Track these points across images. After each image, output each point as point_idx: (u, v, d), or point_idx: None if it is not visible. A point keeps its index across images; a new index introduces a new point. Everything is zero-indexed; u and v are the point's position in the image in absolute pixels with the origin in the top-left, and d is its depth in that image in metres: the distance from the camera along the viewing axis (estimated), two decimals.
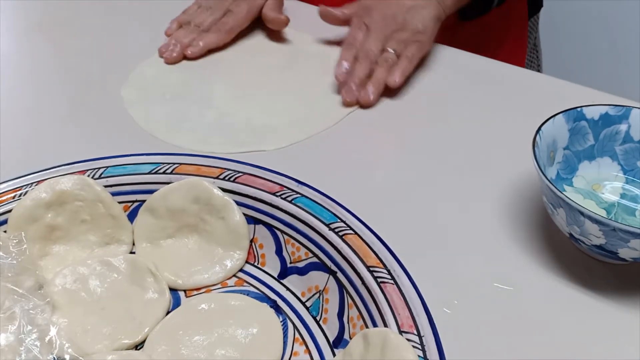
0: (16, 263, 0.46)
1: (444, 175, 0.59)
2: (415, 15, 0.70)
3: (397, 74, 0.68)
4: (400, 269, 0.44)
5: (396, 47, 0.69)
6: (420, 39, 0.70)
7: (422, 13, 0.71)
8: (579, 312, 0.47)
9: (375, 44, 0.70)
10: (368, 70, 0.69)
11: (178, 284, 0.50)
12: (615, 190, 0.53)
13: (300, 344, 0.46)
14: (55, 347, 0.44)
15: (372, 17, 0.71)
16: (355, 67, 0.69)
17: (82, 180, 0.51)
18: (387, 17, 0.70)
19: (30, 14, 0.87)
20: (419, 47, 0.70)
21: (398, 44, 0.70)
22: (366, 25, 0.71)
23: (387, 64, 0.69)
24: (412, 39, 0.70)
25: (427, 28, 0.70)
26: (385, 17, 0.70)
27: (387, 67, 0.69)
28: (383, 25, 0.70)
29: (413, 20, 0.70)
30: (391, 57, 0.69)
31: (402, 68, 0.69)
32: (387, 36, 0.70)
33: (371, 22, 0.71)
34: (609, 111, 0.53)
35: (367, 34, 0.71)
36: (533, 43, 0.99)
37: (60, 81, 0.74)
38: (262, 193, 0.51)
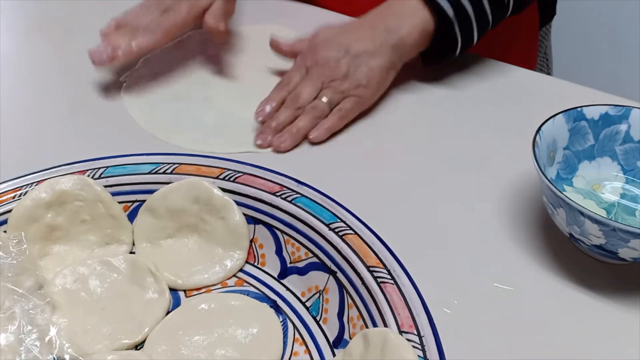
0: (16, 263, 0.46)
1: (444, 175, 0.59)
2: (361, 66, 0.63)
3: (321, 130, 0.63)
4: (400, 269, 0.44)
5: (331, 97, 0.63)
6: (361, 93, 0.64)
7: (369, 63, 0.64)
8: (579, 312, 0.47)
9: (308, 90, 0.64)
10: (292, 118, 0.63)
11: (178, 284, 0.50)
12: (615, 190, 0.53)
13: (300, 344, 0.46)
14: (55, 347, 0.44)
15: (316, 59, 0.65)
16: (279, 111, 0.64)
17: (82, 180, 0.51)
18: (331, 63, 0.64)
19: (30, 14, 0.87)
20: (357, 102, 0.64)
21: (334, 94, 0.64)
22: (307, 67, 0.65)
23: (314, 114, 0.63)
24: (352, 92, 0.63)
25: (372, 82, 0.64)
26: (328, 62, 0.64)
27: (313, 118, 0.63)
28: (323, 71, 0.64)
29: (357, 71, 0.63)
30: (322, 107, 0.63)
31: (329, 124, 0.63)
32: (324, 83, 0.64)
33: (313, 65, 0.65)
34: (609, 111, 0.53)
35: (305, 77, 0.65)
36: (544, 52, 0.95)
37: (60, 81, 0.74)
38: (262, 193, 0.51)
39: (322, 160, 0.61)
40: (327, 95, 0.64)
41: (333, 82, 0.64)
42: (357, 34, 0.65)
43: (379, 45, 0.64)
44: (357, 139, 0.64)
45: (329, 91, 0.64)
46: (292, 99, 0.64)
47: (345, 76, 0.63)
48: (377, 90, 0.65)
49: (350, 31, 0.66)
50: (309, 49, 0.66)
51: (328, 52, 0.64)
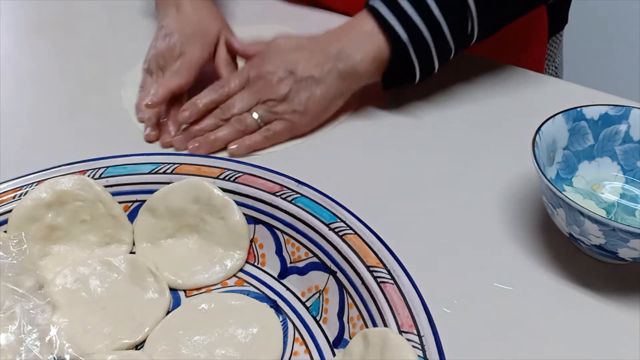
0: (16, 263, 0.46)
1: (444, 175, 0.59)
2: (303, 91, 0.61)
3: (242, 145, 0.61)
4: (400, 269, 0.45)
5: (263, 115, 0.61)
6: (295, 120, 0.61)
7: (312, 90, 0.61)
8: (579, 312, 0.47)
9: (241, 103, 0.62)
10: (214, 127, 0.62)
11: (178, 283, 0.50)
12: (615, 190, 0.53)
13: (300, 343, 0.46)
14: (55, 347, 0.44)
15: (260, 72, 0.62)
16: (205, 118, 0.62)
17: (82, 180, 0.51)
18: (273, 80, 0.61)
19: (30, 14, 0.87)
20: (289, 127, 0.62)
21: (267, 113, 0.61)
22: (249, 77, 0.63)
23: (238, 127, 0.61)
24: (286, 116, 0.61)
25: (310, 110, 0.61)
26: (270, 79, 0.61)
27: (235, 130, 0.61)
28: (263, 87, 0.61)
29: (298, 96, 0.61)
30: (249, 122, 0.61)
31: (252, 141, 0.61)
32: (260, 100, 0.62)
33: (255, 77, 0.62)
34: (609, 111, 0.53)
35: (243, 88, 0.63)
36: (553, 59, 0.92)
37: (60, 81, 0.74)
38: (262, 193, 0.51)
39: (322, 160, 0.61)
40: (260, 112, 0.62)
41: (269, 101, 0.61)
42: (309, 55, 0.62)
43: (327, 73, 0.61)
44: (357, 139, 0.64)
45: (262, 108, 0.62)
46: (223, 108, 0.62)
47: (283, 98, 0.61)
48: (314, 119, 0.63)
49: (303, 49, 0.62)
50: (258, 58, 0.64)
51: (273, 67, 0.62)
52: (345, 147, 0.63)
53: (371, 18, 0.61)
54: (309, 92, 0.61)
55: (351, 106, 0.67)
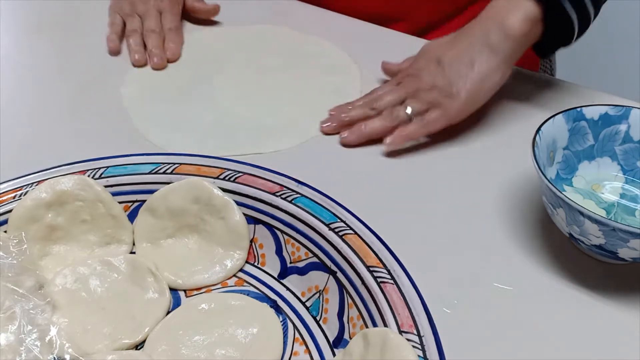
0: (16, 263, 0.46)
1: (444, 174, 0.59)
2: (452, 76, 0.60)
3: (397, 136, 0.60)
4: (400, 269, 0.45)
5: (415, 106, 0.60)
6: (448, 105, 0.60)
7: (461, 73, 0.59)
8: (578, 312, 0.47)
9: (391, 96, 0.62)
10: (363, 115, 0.62)
11: (178, 283, 0.50)
12: (615, 190, 0.53)
13: (300, 343, 0.46)
14: (55, 347, 0.44)
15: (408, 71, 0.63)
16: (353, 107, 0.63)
17: (82, 181, 0.51)
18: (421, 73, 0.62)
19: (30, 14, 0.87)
20: (442, 115, 0.60)
21: (420, 103, 0.60)
22: (399, 81, 0.64)
23: (390, 119, 0.61)
24: (439, 102, 0.60)
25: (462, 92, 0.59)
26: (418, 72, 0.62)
27: (387, 122, 0.61)
28: (411, 81, 0.62)
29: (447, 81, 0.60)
30: (401, 115, 0.60)
31: (409, 131, 0.60)
32: (410, 93, 0.61)
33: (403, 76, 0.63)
34: (609, 111, 0.53)
35: (392, 87, 0.63)
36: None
37: (60, 81, 0.74)
38: (262, 193, 0.51)
39: (322, 160, 0.61)
40: (412, 104, 0.60)
41: (419, 92, 0.60)
42: (454, 44, 0.61)
43: (476, 53, 0.59)
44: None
45: (414, 101, 0.61)
46: (371, 99, 0.63)
47: (433, 86, 0.60)
48: (469, 101, 0.60)
49: (449, 42, 0.62)
50: (410, 66, 0.64)
51: (419, 63, 0.63)
52: (346, 147, 0.63)
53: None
54: (458, 76, 0.59)
55: None
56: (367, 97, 0.64)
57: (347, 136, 0.62)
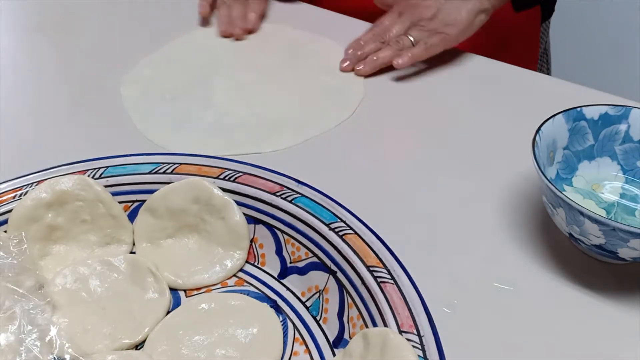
0: (16, 263, 0.46)
1: (444, 175, 0.59)
2: (451, 7, 0.70)
3: (405, 57, 0.69)
4: (400, 269, 0.45)
5: (418, 35, 0.70)
6: (448, 32, 0.69)
7: (456, 7, 0.69)
8: (578, 312, 0.47)
9: (396, 27, 0.71)
10: (376, 49, 0.71)
11: (178, 283, 0.50)
12: (615, 190, 0.53)
13: (300, 343, 0.46)
14: (55, 347, 0.44)
15: (409, 3, 0.72)
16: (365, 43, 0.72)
17: (82, 180, 0.51)
18: (421, 4, 0.71)
19: (30, 14, 0.87)
20: (443, 39, 0.70)
21: (421, 32, 0.70)
22: (399, 12, 0.73)
23: (397, 47, 0.70)
24: (440, 30, 0.69)
25: (459, 22, 0.69)
26: (418, 4, 0.71)
27: (396, 50, 0.69)
28: (413, 12, 0.71)
29: (446, 11, 0.70)
30: (406, 42, 0.70)
31: (413, 53, 0.69)
32: (413, 23, 0.71)
33: (404, 9, 0.72)
34: (609, 111, 0.53)
35: (395, 19, 0.72)
36: (544, 48, 0.96)
37: (60, 81, 0.74)
38: (262, 193, 0.51)
39: (322, 160, 0.61)
40: (414, 32, 0.70)
41: (421, 22, 0.70)
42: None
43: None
44: (357, 139, 0.64)
45: (416, 29, 0.70)
46: (379, 32, 0.72)
47: (433, 16, 0.70)
48: (464, 31, 0.70)
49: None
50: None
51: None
52: (345, 147, 0.63)
53: None
54: (455, 9, 0.69)
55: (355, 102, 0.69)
56: (375, 29, 0.73)
57: (362, 67, 0.71)
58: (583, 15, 1.53)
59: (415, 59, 0.69)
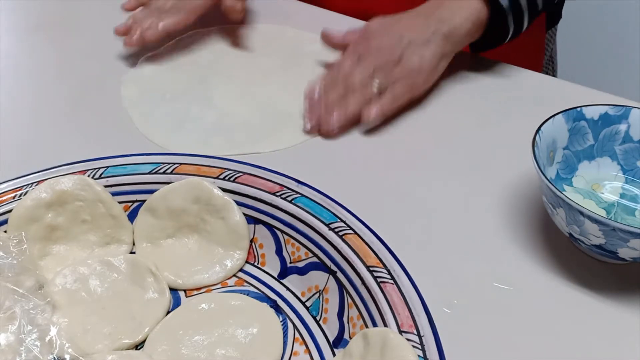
0: (16, 263, 0.46)
1: (444, 175, 0.59)
2: (414, 52, 0.64)
3: (374, 108, 0.62)
4: (400, 269, 0.45)
5: (383, 82, 0.63)
6: (413, 79, 0.64)
7: (421, 51, 0.64)
8: (578, 312, 0.47)
9: (359, 72, 0.64)
10: (340, 97, 0.63)
11: (178, 283, 0.50)
12: (615, 190, 0.53)
13: (300, 343, 0.46)
14: (55, 347, 0.44)
15: (369, 46, 0.65)
16: (328, 92, 0.64)
17: (82, 180, 0.51)
18: (383, 49, 0.64)
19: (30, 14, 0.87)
20: (409, 88, 0.64)
21: (387, 78, 0.63)
22: (359, 55, 0.65)
23: (365, 95, 0.63)
24: (404, 77, 0.64)
25: (424, 68, 0.64)
26: (381, 49, 0.64)
27: (363, 99, 0.63)
28: (376, 57, 0.64)
29: (410, 57, 0.63)
30: (372, 91, 0.63)
31: (382, 104, 0.63)
32: (376, 68, 0.64)
33: (365, 52, 0.65)
34: (609, 111, 0.53)
35: (356, 63, 0.65)
36: (549, 55, 0.95)
37: (60, 81, 0.74)
38: (262, 193, 0.51)
39: (322, 160, 0.61)
40: (379, 78, 0.64)
41: (385, 67, 0.64)
42: (411, 24, 0.66)
43: (432, 34, 0.64)
44: (357, 139, 0.64)
45: (381, 75, 0.64)
46: (340, 78, 0.65)
47: (397, 62, 0.64)
48: (429, 77, 0.66)
49: (403, 21, 0.66)
50: (361, 38, 0.67)
51: (380, 39, 0.65)
52: (345, 147, 0.63)
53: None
54: (419, 53, 0.64)
55: None
56: (335, 74, 0.66)
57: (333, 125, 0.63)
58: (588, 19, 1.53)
59: (384, 112, 0.63)
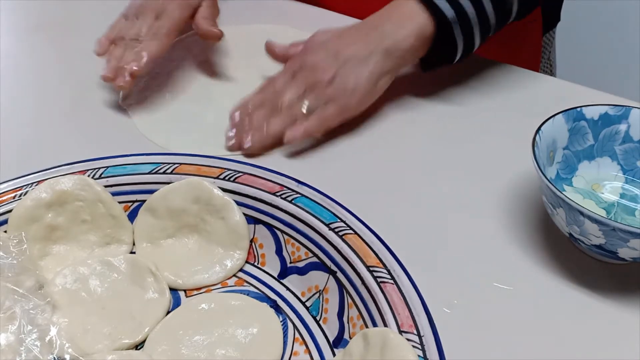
0: (16, 263, 0.46)
1: (444, 175, 0.59)
2: (349, 72, 0.60)
3: (297, 130, 0.60)
4: (400, 269, 0.45)
5: (313, 103, 0.61)
6: (346, 101, 0.61)
7: (358, 70, 0.60)
8: (578, 312, 0.47)
9: (290, 92, 0.61)
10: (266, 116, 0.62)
11: (178, 283, 0.50)
12: (615, 190, 0.53)
13: (300, 343, 0.46)
14: (55, 347, 0.44)
15: (303, 63, 0.62)
16: (255, 112, 0.62)
17: (82, 180, 0.51)
18: (317, 67, 0.61)
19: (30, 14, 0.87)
20: (340, 110, 0.61)
21: (317, 99, 0.61)
22: (293, 71, 0.63)
23: (290, 115, 0.61)
24: (336, 98, 0.60)
25: (358, 89, 0.61)
26: (314, 66, 0.61)
27: (288, 119, 0.61)
28: (309, 75, 0.61)
29: (344, 77, 0.60)
30: (299, 111, 0.61)
31: (307, 126, 0.60)
32: (308, 87, 0.61)
33: (299, 69, 0.62)
34: (609, 111, 0.53)
35: (289, 80, 0.63)
36: (547, 57, 0.93)
37: (60, 81, 0.74)
38: (262, 193, 0.51)
39: (322, 160, 0.61)
40: (309, 99, 0.61)
41: (317, 87, 0.61)
42: (351, 39, 0.62)
43: (371, 51, 0.61)
44: (357, 139, 0.64)
45: (311, 95, 0.61)
46: (271, 99, 0.62)
47: (330, 81, 0.60)
48: (364, 98, 0.62)
49: (344, 36, 0.63)
50: (301, 53, 0.64)
51: (316, 56, 0.62)
52: (345, 147, 0.63)
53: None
54: (355, 73, 0.61)
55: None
56: (266, 92, 0.63)
57: (250, 145, 0.61)
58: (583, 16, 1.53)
59: (309, 134, 0.60)
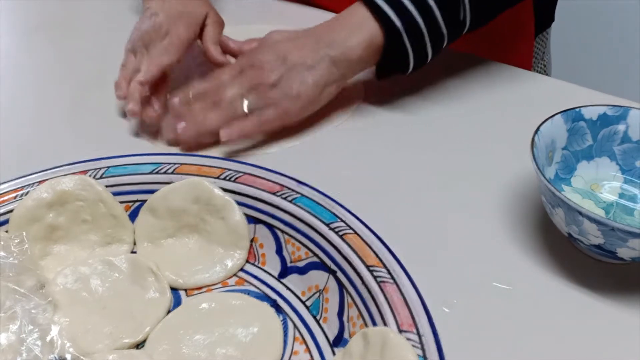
0: (17, 263, 0.47)
1: (444, 175, 0.59)
2: (295, 77, 0.60)
3: (234, 129, 0.59)
4: (400, 269, 0.45)
5: (254, 103, 0.60)
6: (287, 106, 0.60)
7: (303, 76, 0.60)
8: (577, 312, 0.47)
9: (233, 88, 0.61)
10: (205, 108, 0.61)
11: (179, 283, 0.50)
12: (614, 190, 0.54)
13: (300, 343, 0.46)
14: (56, 347, 0.44)
15: (251, 61, 0.61)
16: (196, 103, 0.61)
17: (83, 180, 0.51)
18: (264, 67, 0.60)
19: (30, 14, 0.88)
20: (280, 114, 0.60)
21: (259, 100, 0.60)
22: (241, 68, 0.62)
23: (229, 112, 0.60)
24: (278, 102, 0.60)
25: (302, 96, 0.60)
26: (261, 66, 0.60)
27: (226, 115, 0.60)
28: (254, 75, 0.60)
29: (289, 81, 0.60)
30: (239, 110, 0.60)
31: (243, 127, 0.60)
32: (251, 86, 0.60)
33: (246, 67, 0.62)
34: (607, 111, 0.53)
35: (235, 76, 0.62)
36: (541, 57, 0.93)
37: (60, 81, 0.74)
38: (262, 193, 0.51)
39: (322, 160, 0.61)
40: (250, 98, 0.60)
41: (261, 87, 0.60)
42: (301, 44, 0.62)
43: (319, 59, 0.60)
44: (357, 139, 0.64)
45: (253, 95, 0.60)
46: (213, 89, 0.61)
47: (274, 84, 0.60)
48: (306, 106, 0.61)
49: (296, 40, 0.62)
50: (252, 50, 0.64)
51: (265, 56, 0.61)
52: (345, 147, 0.63)
53: (364, 6, 0.61)
54: (300, 78, 0.60)
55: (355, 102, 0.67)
56: (210, 84, 0.62)
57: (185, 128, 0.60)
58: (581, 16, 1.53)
59: (244, 135, 0.60)
